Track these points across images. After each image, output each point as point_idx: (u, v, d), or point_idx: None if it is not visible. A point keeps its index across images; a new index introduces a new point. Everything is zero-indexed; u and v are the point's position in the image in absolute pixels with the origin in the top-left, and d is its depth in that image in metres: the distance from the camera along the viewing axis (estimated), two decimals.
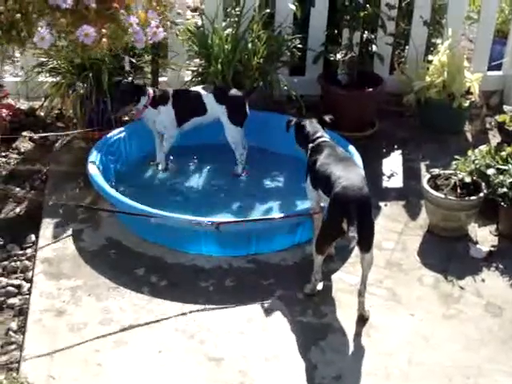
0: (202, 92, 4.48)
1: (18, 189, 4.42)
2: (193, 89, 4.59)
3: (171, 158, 4.62)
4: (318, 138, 3.82)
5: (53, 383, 3.11)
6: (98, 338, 3.35)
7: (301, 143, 3.93)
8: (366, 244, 3.40)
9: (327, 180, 3.54)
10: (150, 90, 4.45)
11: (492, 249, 4.05)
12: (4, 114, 4.78)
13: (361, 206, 3.37)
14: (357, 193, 3.41)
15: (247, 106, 4.48)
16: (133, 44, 3.43)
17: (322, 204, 3.76)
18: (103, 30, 3.12)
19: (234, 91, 4.52)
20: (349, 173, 3.53)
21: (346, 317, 3.54)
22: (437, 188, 4.12)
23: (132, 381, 3.16)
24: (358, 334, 3.46)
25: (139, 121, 4.56)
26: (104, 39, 3.11)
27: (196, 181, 4.57)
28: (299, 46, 5.13)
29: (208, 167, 4.67)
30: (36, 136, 4.59)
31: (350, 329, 3.48)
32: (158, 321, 3.47)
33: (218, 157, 4.66)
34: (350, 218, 3.29)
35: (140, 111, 4.45)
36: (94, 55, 3.55)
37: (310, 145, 3.82)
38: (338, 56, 5.08)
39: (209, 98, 4.45)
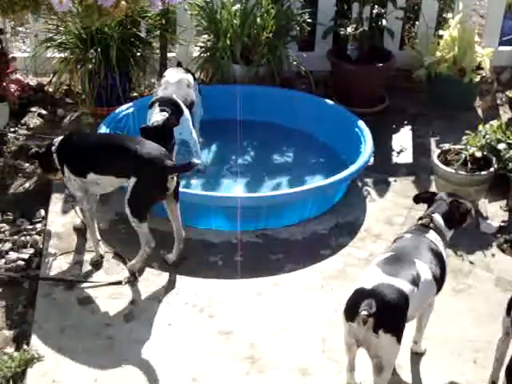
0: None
1: (27, 164, 4.43)
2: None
3: None
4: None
5: (63, 356, 3.13)
6: (108, 312, 3.36)
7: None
8: None
9: None
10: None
11: (502, 224, 4.03)
12: (13, 90, 4.77)
13: None
14: None
15: None
16: (147, 10, 3.37)
17: None
18: None
19: None
20: None
21: None
22: (447, 163, 4.10)
23: (142, 353, 3.17)
24: None
25: None
26: (123, 2, 3.09)
27: (209, 155, 4.60)
28: (308, 20, 5.09)
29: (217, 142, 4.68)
30: None
31: None
32: (167, 294, 3.48)
33: (223, 132, 4.69)
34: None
35: None
36: (110, 22, 3.50)
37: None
38: (348, 30, 5.03)
39: None
